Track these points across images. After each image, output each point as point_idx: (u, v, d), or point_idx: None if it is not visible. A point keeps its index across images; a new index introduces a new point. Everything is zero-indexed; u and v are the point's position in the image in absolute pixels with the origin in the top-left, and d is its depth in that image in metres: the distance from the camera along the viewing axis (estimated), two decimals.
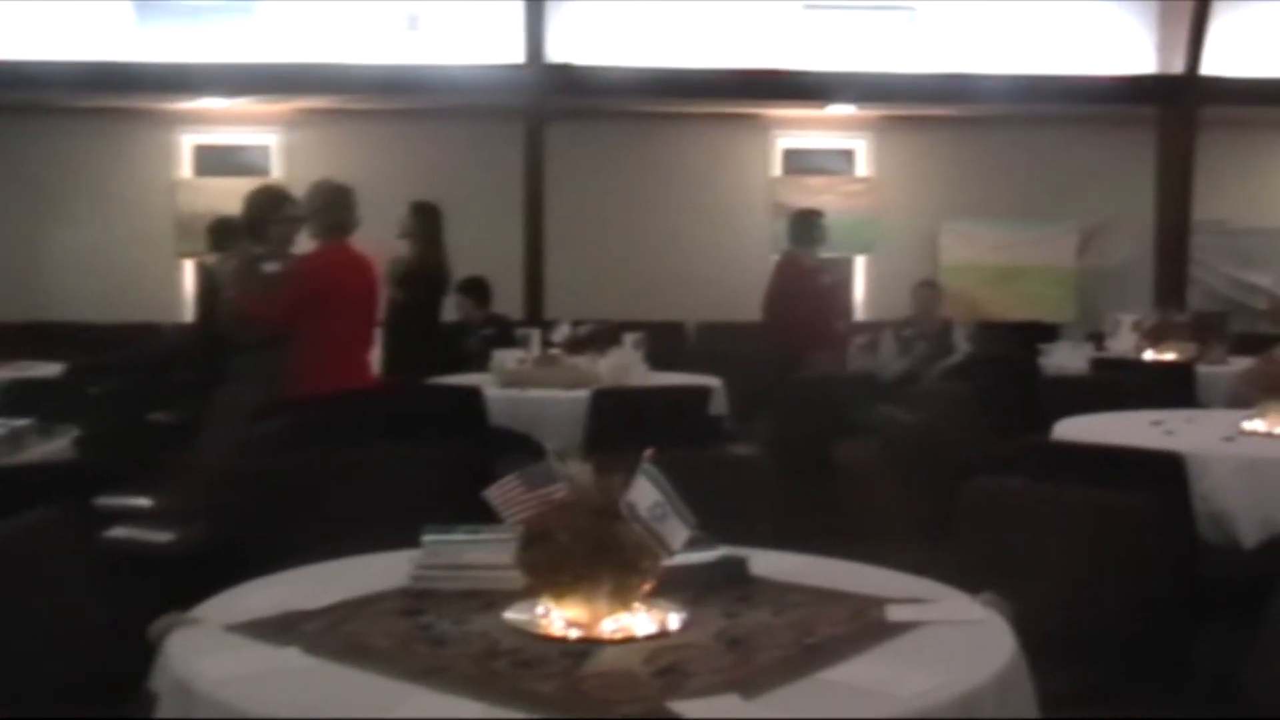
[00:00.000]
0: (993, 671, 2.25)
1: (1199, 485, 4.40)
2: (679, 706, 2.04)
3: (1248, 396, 5.30)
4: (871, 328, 10.11)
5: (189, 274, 12.30)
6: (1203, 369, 7.91)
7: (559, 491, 2.51)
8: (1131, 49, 12.29)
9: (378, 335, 6.65)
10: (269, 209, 6.09)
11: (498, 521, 2.58)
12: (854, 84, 11.88)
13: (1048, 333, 11.01)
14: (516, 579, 2.54)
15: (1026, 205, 12.77)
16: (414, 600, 2.68)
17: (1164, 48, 12.23)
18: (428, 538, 2.81)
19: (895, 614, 2.57)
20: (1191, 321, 9.29)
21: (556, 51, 11.67)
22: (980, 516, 3.63)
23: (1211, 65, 12.10)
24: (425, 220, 8.00)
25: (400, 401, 6.14)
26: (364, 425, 5.47)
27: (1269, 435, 5.00)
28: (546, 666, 2.26)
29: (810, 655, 2.33)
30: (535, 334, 7.44)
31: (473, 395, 6.39)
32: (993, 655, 2.33)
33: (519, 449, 5.32)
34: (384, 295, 6.70)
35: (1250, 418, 5.14)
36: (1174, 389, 7.21)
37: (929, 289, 9.62)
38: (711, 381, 6.92)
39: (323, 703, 2.14)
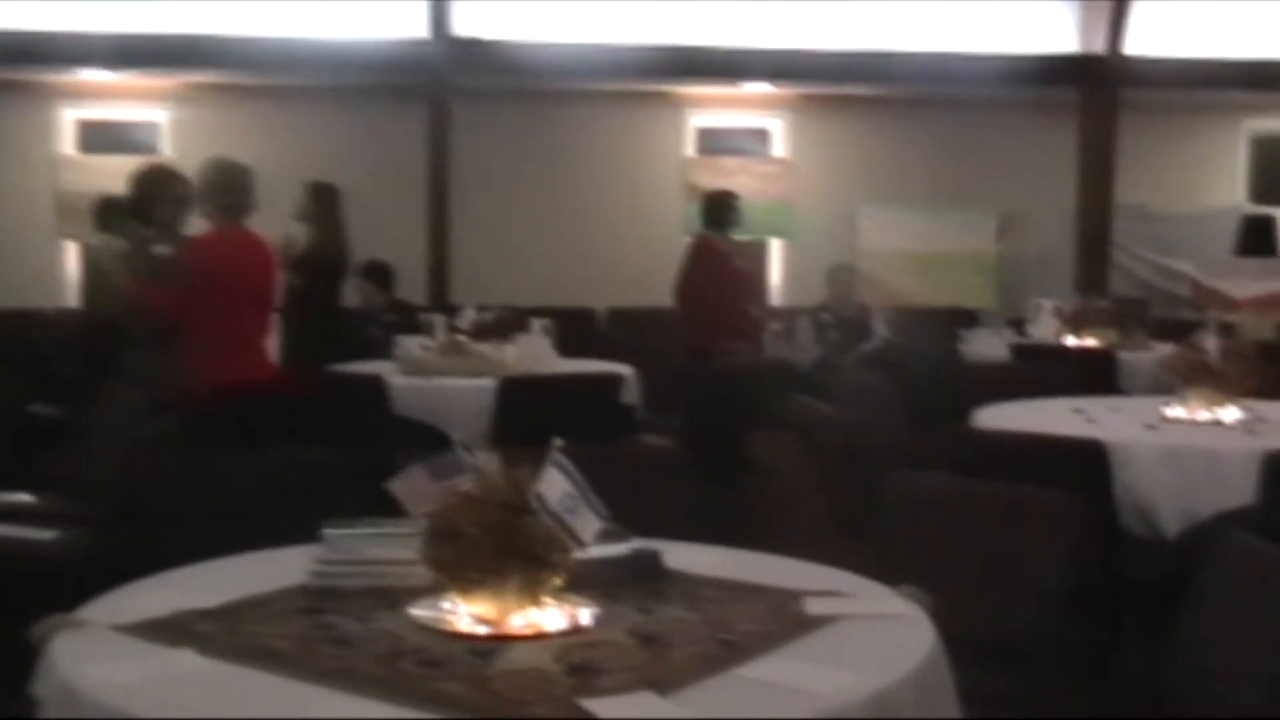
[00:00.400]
0: (912, 668, 2.28)
1: (1121, 475, 4.49)
2: (591, 705, 2.05)
3: (1170, 383, 5.42)
4: (787, 314, 10.18)
5: (72, 257, 12.10)
6: (1124, 356, 8.06)
7: (465, 483, 2.50)
8: (1053, 27, 12.46)
9: (275, 323, 6.57)
10: (158, 188, 5.99)
11: (402, 515, 2.57)
12: (769, 61, 11.93)
13: (968, 319, 11.16)
14: (422, 575, 2.53)
15: (945, 190, 12.92)
16: (314, 598, 2.66)
17: (1085, 26, 12.42)
18: (328, 532, 2.79)
19: (813, 608, 2.58)
20: (1113, 308, 9.45)
21: (462, 25, 11.60)
22: (900, 509, 3.68)
23: (1134, 45, 12.31)
24: (322, 202, 7.93)
25: (300, 393, 6.08)
26: (262, 419, 5.41)
27: (1191, 423, 5.11)
28: (454, 665, 2.26)
29: (726, 651, 2.34)
30: (440, 320, 7.41)
31: (375, 384, 6.35)
32: (912, 651, 2.35)
33: (424, 440, 5.30)
34: (281, 281, 6.62)
35: (1172, 405, 5.25)
36: (1095, 376, 7.34)
37: (846, 274, 9.70)
38: (623, 370, 6.93)
39: (218, 707, 2.12)
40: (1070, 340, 8.83)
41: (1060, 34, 12.47)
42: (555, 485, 2.44)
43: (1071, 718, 3.16)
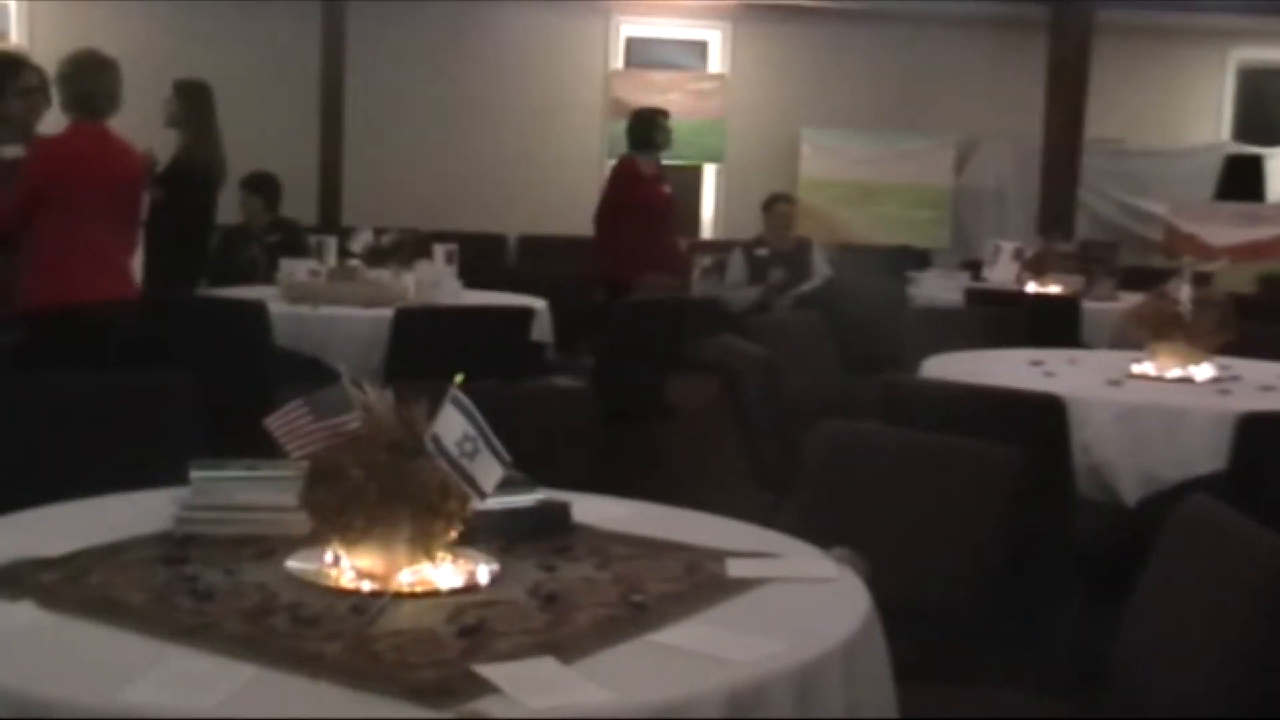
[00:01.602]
0: (842, 636, 2.30)
1: (1080, 434, 4.55)
2: (485, 671, 2.05)
3: (1137, 336, 5.49)
4: (718, 247, 10.19)
5: None
6: (1089, 305, 8.15)
7: (352, 422, 2.49)
8: None
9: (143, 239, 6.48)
10: (4, 77, 5.88)
11: (280, 456, 2.55)
12: None
13: (918, 259, 11.23)
14: (300, 523, 2.52)
15: (898, 115, 12.96)
16: (176, 547, 2.64)
17: None
18: (195, 474, 2.77)
19: (735, 569, 2.61)
20: (1078, 252, 9.55)
21: None
22: (834, 463, 3.71)
23: None
24: (193, 103, 7.80)
25: (163, 316, 6.01)
26: (117, 343, 5.35)
27: (1159, 380, 5.18)
28: (333, 624, 2.25)
29: (637, 614, 2.35)
30: (330, 242, 7.35)
31: (253, 311, 6.29)
32: (843, 618, 2.37)
33: (307, 373, 5.26)
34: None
35: (1139, 360, 5.32)
36: (1057, 326, 7.43)
37: (784, 205, 9.72)
38: (534, 303, 6.92)
39: (60, 666, 2.09)
40: (1030, 286, 8.92)
41: None
42: (453, 427, 2.43)
43: (1009, 689, 3.21)
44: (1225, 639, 2.71)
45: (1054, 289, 8.76)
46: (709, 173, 13.19)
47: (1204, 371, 5.22)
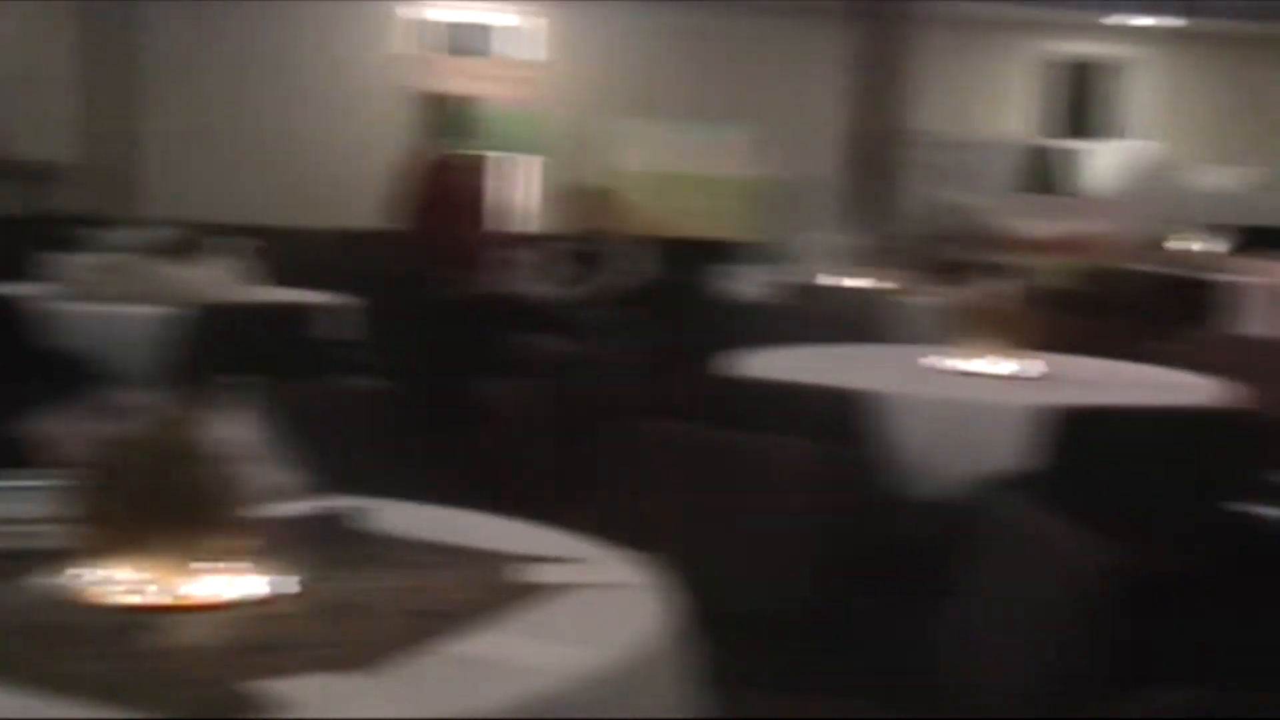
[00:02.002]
0: (640, 643, 2.30)
1: (889, 430, 4.61)
2: (270, 688, 2.00)
3: (951, 331, 5.58)
4: (528, 241, 10.16)
5: None
6: (901, 299, 8.28)
7: (124, 427, 2.41)
8: None
9: None
10: None
11: (42, 464, 2.47)
12: None
13: (729, 253, 11.31)
14: (64, 535, 2.43)
15: (715, 105, 13.07)
16: None
17: None
18: None
19: (535, 575, 2.59)
20: (893, 245, 9.70)
21: None
22: (643, 465, 3.71)
23: None
24: None
25: None
26: None
27: (972, 375, 5.28)
28: (97, 642, 2.18)
29: (430, 624, 2.32)
30: (110, 236, 7.16)
31: (16, 307, 6.11)
32: (642, 625, 2.38)
33: (75, 375, 5.12)
34: None
35: (949, 354, 5.41)
36: (868, 320, 7.53)
37: (595, 198, 9.72)
38: (335, 300, 6.84)
39: None
40: (841, 280, 9.03)
41: None
42: (236, 430, 2.37)
43: (824, 694, 3.24)
44: (1040, 637, 2.76)
45: (867, 283, 8.88)
46: (521, 163, 13.14)
47: (1019, 367, 5.33)
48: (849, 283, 8.97)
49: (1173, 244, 11.63)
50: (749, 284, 9.03)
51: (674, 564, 2.66)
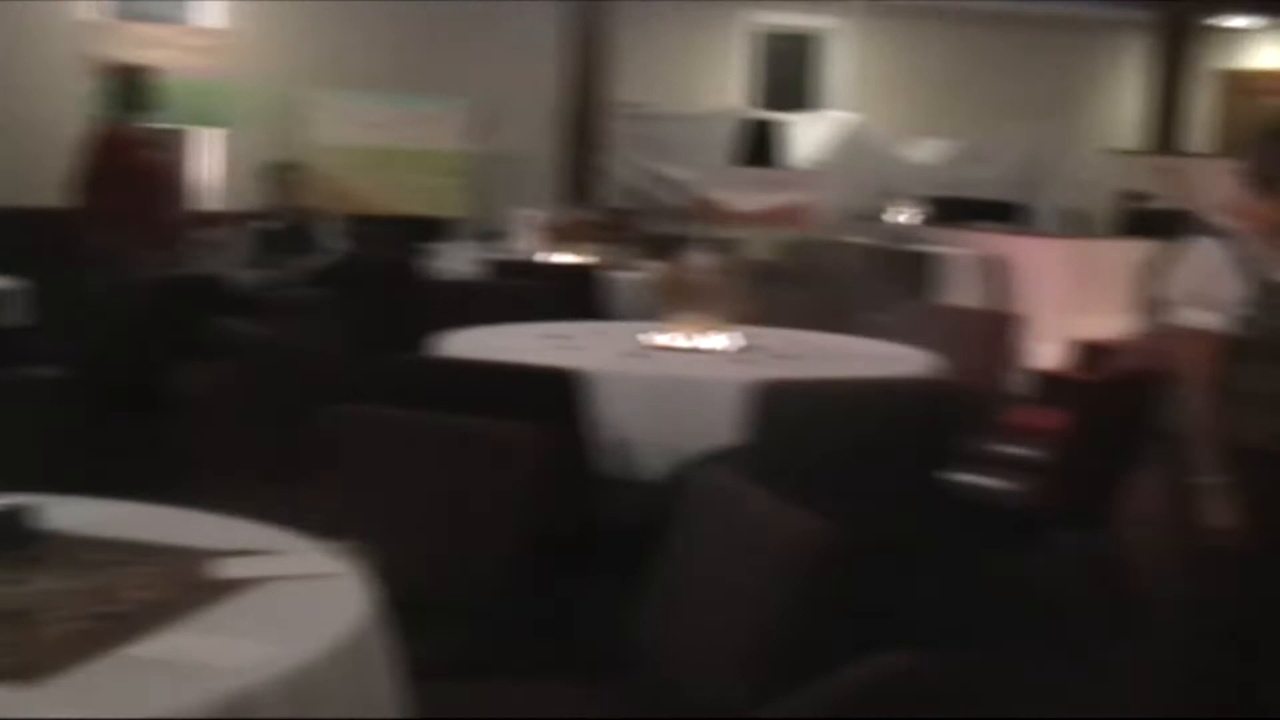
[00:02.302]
0: (337, 637, 2.29)
1: (602, 409, 4.65)
2: None
3: (659, 307, 5.66)
4: (219, 219, 9.94)
5: None
6: (612, 275, 8.36)
7: None
8: None
9: None
10: None
11: None
12: None
13: (436, 230, 11.26)
14: None
15: (413, 76, 12.95)
16: None
17: None
18: None
19: (227, 570, 2.55)
20: (601, 220, 9.78)
21: None
22: (341, 450, 3.67)
23: None
24: None
25: None
26: None
27: (680, 351, 5.36)
28: None
29: (114, 626, 2.27)
30: None
31: None
32: (340, 617, 2.36)
33: None
34: None
35: (660, 330, 5.48)
36: (579, 297, 7.59)
37: (290, 173, 9.57)
38: (8, 284, 6.60)
39: None
40: (552, 256, 9.07)
41: None
42: None
43: (538, 682, 3.25)
44: (750, 616, 2.81)
45: (576, 259, 8.94)
46: (206, 138, 12.83)
47: (726, 341, 5.42)
48: (561, 259, 9.01)
49: (881, 216, 11.97)
50: (459, 261, 9.01)
51: (376, 553, 2.64)
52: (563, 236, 9.18)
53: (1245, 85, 16.64)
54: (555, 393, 4.59)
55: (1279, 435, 3.97)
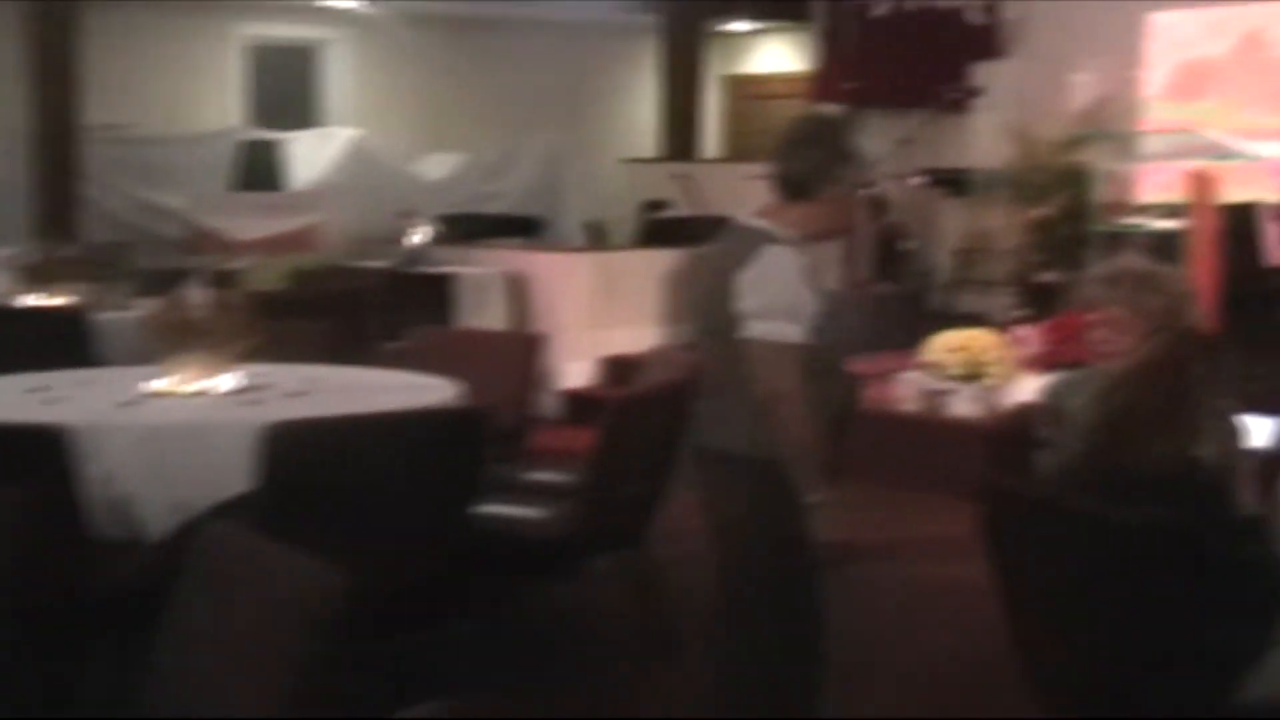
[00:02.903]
0: None
1: (93, 467, 4.50)
2: None
3: (154, 349, 5.51)
4: None
5: None
6: (101, 316, 8.10)
7: None
8: None
9: None
10: None
11: None
12: None
13: None
14: None
15: None
16: None
17: None
18: None
19: None
20: (85, 256, 9.45)
21: None
22: None
23: None
24: None
25: None
26: None
27: (179, 396, 5.23)
28: None
29: None
30: None
31: None
32: None
33: None
34: None
35: (157, 375, 5.34)
36: (63, 344, 7.32)
37: None
38: None
39: None
40: (30, 299, 8.73)
41: None
42: None
43: None
44: (265, 674, 2.76)
45: (58, 300, 8.62)
46: None
47: (229, 381, 5.32)
48: (40, 302, 8.66)
49: (400, 238, 11.94)
50: None
51: None
52: (41, 277, 8.82)
53: (751, 90, 17.42)
54: (37, 451, 4.42)
55: (757, 441, 4.12)
